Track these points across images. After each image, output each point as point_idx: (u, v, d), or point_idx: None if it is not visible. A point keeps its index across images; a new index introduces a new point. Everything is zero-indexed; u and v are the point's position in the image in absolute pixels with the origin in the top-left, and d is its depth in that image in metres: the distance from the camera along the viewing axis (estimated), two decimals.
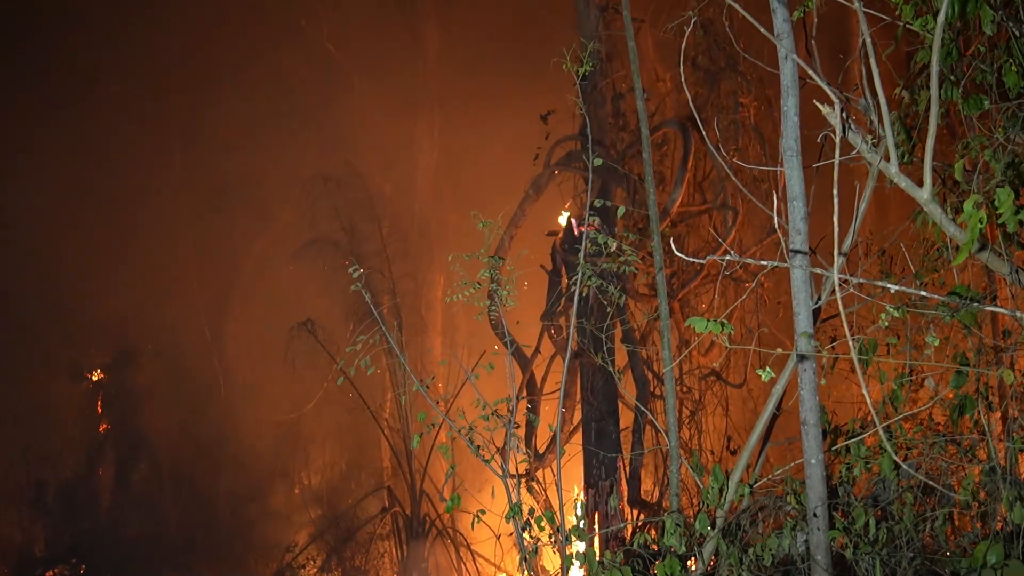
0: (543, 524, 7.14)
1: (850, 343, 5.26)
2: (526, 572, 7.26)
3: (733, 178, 6.79)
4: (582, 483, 14.41)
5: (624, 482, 14.01)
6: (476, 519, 7.51)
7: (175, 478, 23.33)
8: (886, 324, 5.72)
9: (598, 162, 7.51)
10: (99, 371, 24.63)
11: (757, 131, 15.67)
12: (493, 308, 7.67)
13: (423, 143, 24.26)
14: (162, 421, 23.66)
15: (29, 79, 22.30)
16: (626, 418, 14.37)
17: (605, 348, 9.28)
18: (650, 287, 14.44)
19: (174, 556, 22.24)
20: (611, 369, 9.23)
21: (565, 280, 14.37)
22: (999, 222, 5.01)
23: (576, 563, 7.01)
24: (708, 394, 15.34)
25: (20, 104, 22.32)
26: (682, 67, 7.15)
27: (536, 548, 7.23)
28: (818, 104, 5.47)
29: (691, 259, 6.23)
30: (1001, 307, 6.38)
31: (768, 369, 5.58)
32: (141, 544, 22.18)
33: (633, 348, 13.70)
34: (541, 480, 14.42)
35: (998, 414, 7.49)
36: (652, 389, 14.17)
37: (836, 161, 5.23)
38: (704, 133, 7.26)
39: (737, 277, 14.79)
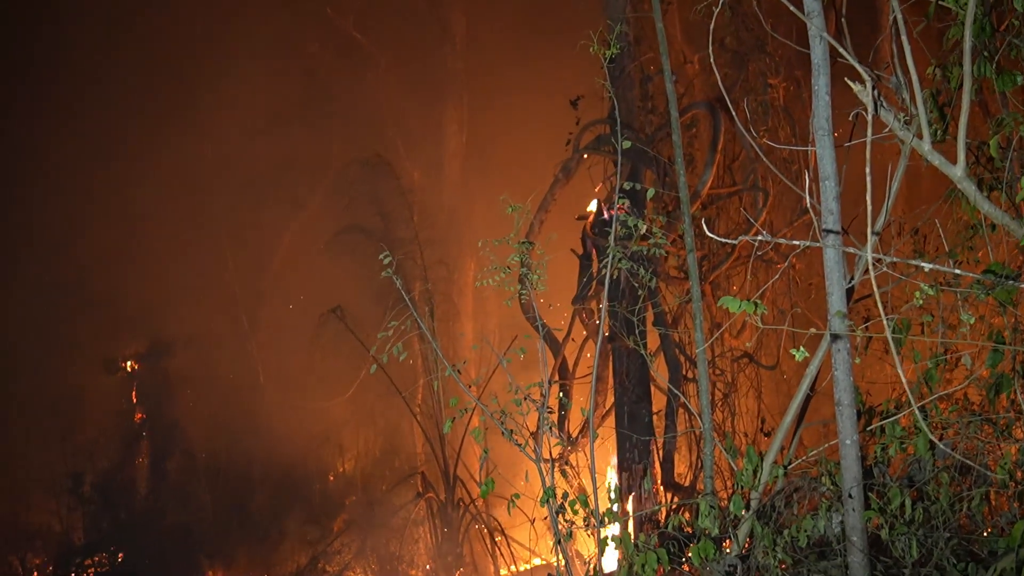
0: (577, 508, 7.15)
1: (884, 322, 5.22)
2: (560, 556, 7.27)
3: (764, 159, 6.74)
4: (616, 466, 14.40)
5: (657, 465, 14.01)
6: (511, 504, 7.53)
7: (210, 466, 23.52)
8: (920, 303, 5.68)
9: (627, 145, 7.48)
10: (133, 361, 24.85)
11: (786, 112, 15.58)
12: (524, 293, 7.67)
13: (451, 128, 24.28)
14: (197, 410, 23.84)
15: (66, 72, 22.47)
16: (659, 401, 14.35)
17: (637, 331, 9.24)
18: (681, 270, 14.40)
19: (210, 544, 22.47)
20: (643, 352, 9.22)
21: (596, 264, 14.34)
22: None
23: (611, 545, 7.02)
24: (741, 376, 15.29)
25: (53, 98, 22.52)
26: (711, 48, 7.10)
27: (570, 532, 7.24)
28: (849, 82, 5.42)
29: (723, 240, 6.21)
30: None
31: (802, 349, 5.55)
32: (177, 532, 22.41)
33: (665, 331, 13.67)
34: (574, 464, 14.43)
35: None
36: (684, 372, 14.14)
37: (868, 140, 5.19)
38: (733, 114, 7.21)
39: (768, 259, 14.72)
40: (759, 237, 5.55)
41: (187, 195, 22.85)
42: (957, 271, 5.64)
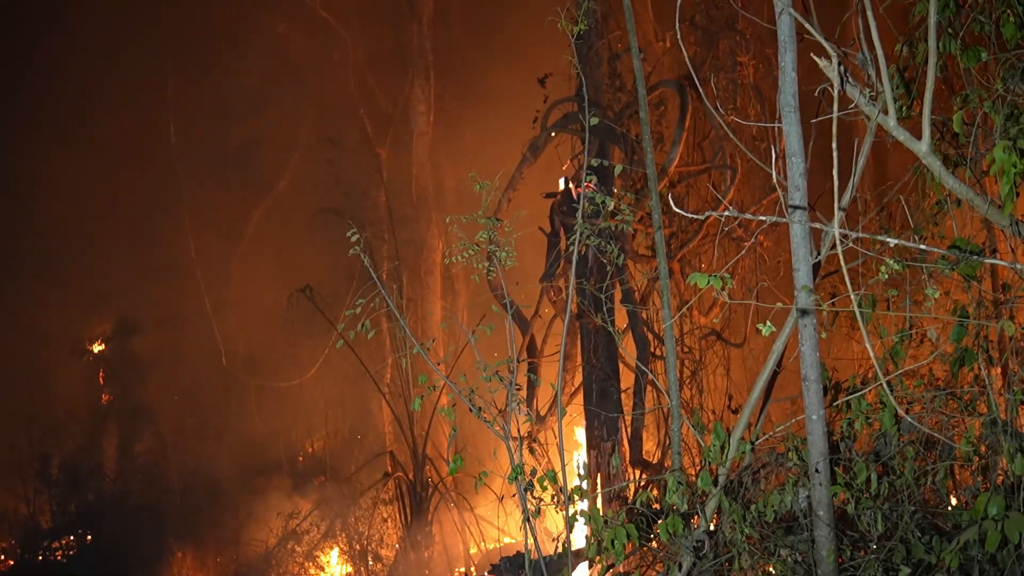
0: (546, 484, 7.15)
1: (852, 297, 5.24)
2: (529, 533, 7.28)
3: (732, 136, 6.74)
4: (584, 443, 14.44)
5: (626, 442, 14.04)
6: (479, 481, 7.53)
7: (178, 447, 23.41)
8: (885, 277, 5.71)
9: (595, 121, 7.46)
10: (100, 342, 24.67)
11: (756, 90, 15.60)
12: (492, 270, 7.64)
13: (419, 107, 24.13)
14: (164, 391, 23.70)
15: (22, 52, 22.21)
16: (627, 379, 14.37)
17: (605, 309, 9.25)
18: (649, 248, 14.42)
19: (178, 525, 22.36)
20: (611, 330, 9.22)
21: (564, 242, 14.33)
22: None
23: (580, 520, 7.04)
24: (709, 354, 15.34)
25: (15, 76, 22.25)
26: (679, 26, 7.09)
27: (539, 509, 7.24)
28: (816, 58, 5.43)
29: (690, 215, 6.21)
30: (1001, 260, 6.36)
31: (769, 324, 5.57)
32: (146, 513, 22.28)
33: (633, 308, 13.68)
34: (543, 442, 14.45)
35: (998, 369, 7.50)
36: (653, 349, 14.16)
37: (835, 116, 5.19)
38: (702, 92, 7.19)
39: (737, 237, 14.76)
40: (726, 213, 5.56)
41: (153, 175, 22.68)
42: (923, 246, 5.68)
